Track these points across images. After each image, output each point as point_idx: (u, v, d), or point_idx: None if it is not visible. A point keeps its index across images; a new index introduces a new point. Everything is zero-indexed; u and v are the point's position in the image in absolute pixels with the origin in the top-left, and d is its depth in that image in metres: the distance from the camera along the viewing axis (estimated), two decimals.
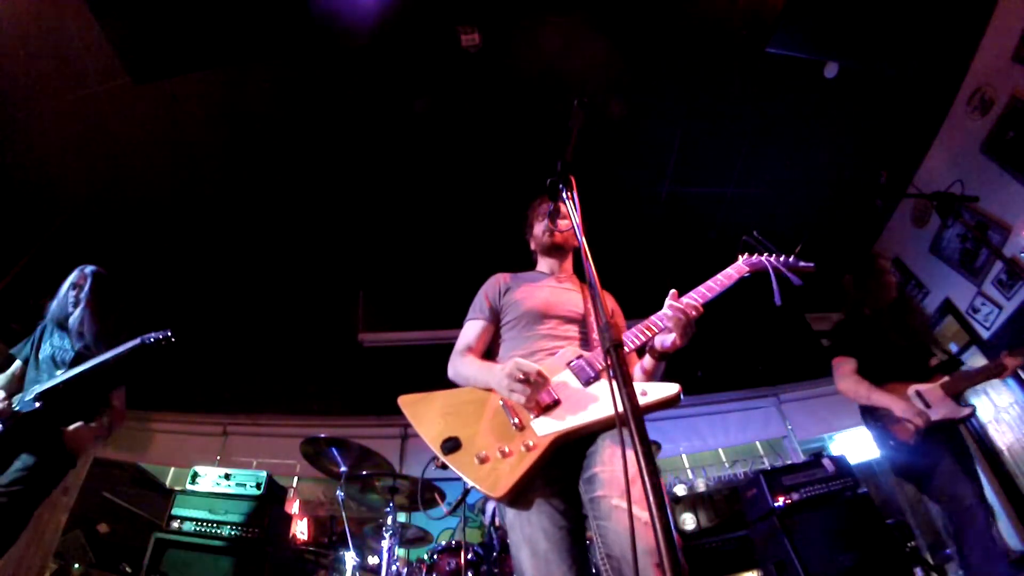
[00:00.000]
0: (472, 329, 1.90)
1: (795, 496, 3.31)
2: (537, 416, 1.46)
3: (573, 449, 1.48)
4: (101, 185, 4.35)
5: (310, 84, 3.93)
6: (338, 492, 3.08)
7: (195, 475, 3.48)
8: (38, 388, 2.59)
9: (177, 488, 3.67)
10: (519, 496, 1.36)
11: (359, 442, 3.17)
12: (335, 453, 3.11)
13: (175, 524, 3.23)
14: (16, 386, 2.74)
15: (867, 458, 5.49)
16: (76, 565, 3.74)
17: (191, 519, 3.25)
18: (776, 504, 3.29)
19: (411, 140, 4.35)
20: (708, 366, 5.37)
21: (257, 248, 5.10)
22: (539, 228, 2.10)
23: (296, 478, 5.13)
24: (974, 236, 4.06)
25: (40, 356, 2.78)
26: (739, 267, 1.79)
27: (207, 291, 5.36)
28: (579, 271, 2.13)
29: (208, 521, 3.25)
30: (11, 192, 4.18)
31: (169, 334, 2.70)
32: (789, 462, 4.34)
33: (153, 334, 2.69)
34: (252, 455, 5.06)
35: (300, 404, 5.27)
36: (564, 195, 1.51)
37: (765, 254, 1.87)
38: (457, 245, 5.18)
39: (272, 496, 3.51)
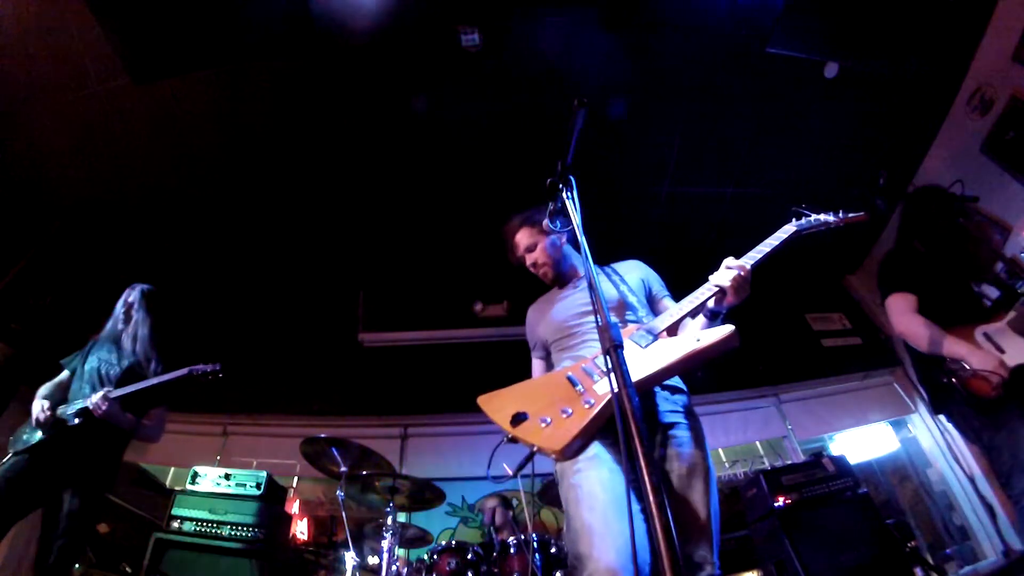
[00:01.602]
0: (535, 368, 2.13)
1: (795, 496, 3.31)
2: (600, 379, 1.50)
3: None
4: (101, 185, 4.34)
5: (310, 84, 3.93)
6: (338, 492, 3.07)
7: (195, 475, 3.48)
8: (80, 403, 2.64)
9: (177, 488, 3.66)
10: (579, 451, 1.37)
11: (359, 442, 3.16)
12: (335, 453, 3.10)
13: (175, 524, 3.22)
14: (60, 395, 2.81)
15: (867, 458, 5.50)
16: (76, 565, 3.74)
17: (191, 519, 3.24)
18: (776, 504, 3.29)
19: (411, 140, 4.35)
20: (708, 366, 5.36)
21: (257, 248, 5.10)
22: (528, 266, 2.20)
23: (296, 478, 5.13)
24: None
25: (86, 368, 2.84)
26: (788, 229, 1.87)
27: (207, 291, 5.36)
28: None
29: (208, 521, 3.25)
30: (11, 192, 4.18)
31: (218, 368, 2.80)
32: (789, 462, 4.34)
33: (202, 366, 2.79)
34: (252, 455, 5.05)
35: (300, 404, 5.26)
36: (564, 195, 1.51)
37: (815, 214, 1.96)
38: (457, 245, 5.18)
39: (272, 496, 3.51)
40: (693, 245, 5.04)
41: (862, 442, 5.53)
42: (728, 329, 1.45)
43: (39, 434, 2.61)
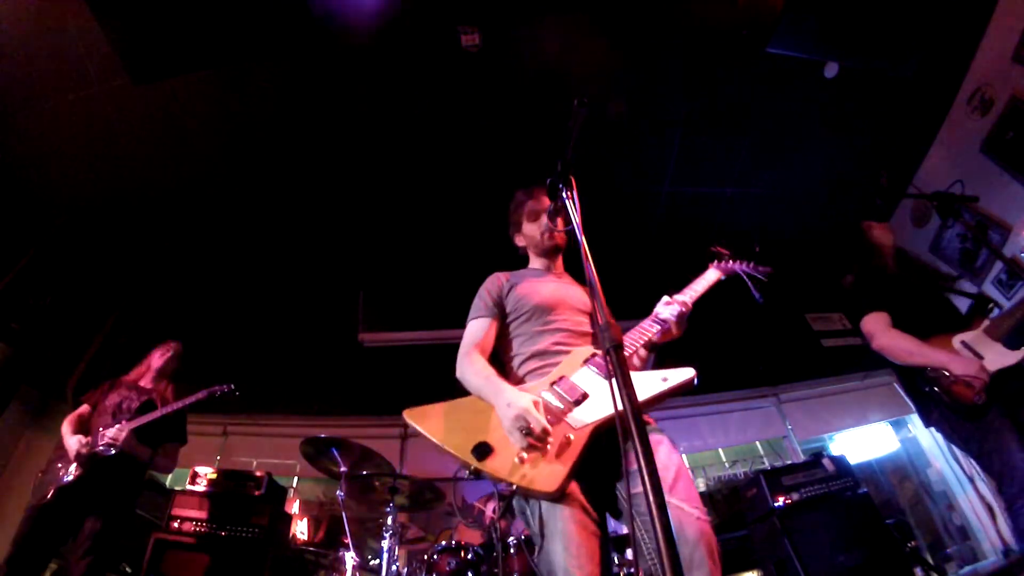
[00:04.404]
0: (478, 327, 1.87)
1: (795, 496, 3.31)
2: (570, 411, 1.47)
3: (604, 444, 1.48)
4: (101, 185, 4.34)
5: (310, 84, 3.93)
6: (338, 492, 3.07)
7: (195, 475, 3.48)
8: (110, 432, 2.80)
9: (177, 488, 3.67)
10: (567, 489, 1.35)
11: (359, 442, 3.16)
12: (335, 453, 3.10)
13: (175, 524, 3.23)
14: (83, 428, 2.95)
15: (867, 458, 5.51)
16: None
17: (191, 519, 3.25)
18: (776, 504, 3.29)
19: (411, 140, 4.35)
20: (708, 366, 5.36)
21: (258, 248, 5.10)
22: (532, 228, 2.07)
23: (296, 478, 5.13)
24: (974, 236, 4.05)
25: (106, 403, 3.01)
26: (713, 271, 2.03)
27: (207, 291, 5.36)
28: (570, 269, 2.14)
29: (208, 521, 3.25)
30: (11, 192, 4.18)
31: (233, 387, 3.07)
32: (789, 462, 4.34)
33: (218, 387, 3.05)
34: (252, 455, 5.06)
35: (300, 404, 5.27)
36: (564, 195, 1.51)
37: (731, 261, 2.12)
38: (457, 245, 5.18)
39: (272, 496, 3.51)
40: (693, 245, 5.04)
41: (862, 442, 5.54)
42: (690, 373, 1.52)
43: (74, 467, 2.73)
